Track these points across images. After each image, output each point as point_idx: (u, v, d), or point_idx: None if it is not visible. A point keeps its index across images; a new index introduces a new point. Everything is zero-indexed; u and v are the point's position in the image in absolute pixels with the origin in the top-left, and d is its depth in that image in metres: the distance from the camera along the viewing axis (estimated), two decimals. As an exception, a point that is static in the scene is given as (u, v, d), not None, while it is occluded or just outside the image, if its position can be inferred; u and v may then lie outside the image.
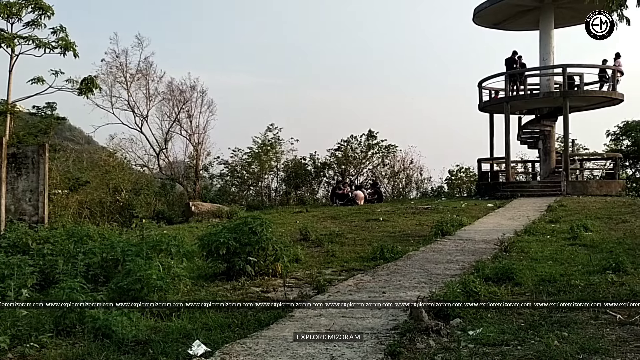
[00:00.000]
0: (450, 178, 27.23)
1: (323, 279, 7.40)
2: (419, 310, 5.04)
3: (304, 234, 11.78)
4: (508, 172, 22.80)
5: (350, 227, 13.90)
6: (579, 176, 23.31)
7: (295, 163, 26.44)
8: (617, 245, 9.07)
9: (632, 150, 23.60)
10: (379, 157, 27.06)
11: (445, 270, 8.01)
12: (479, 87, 23.49)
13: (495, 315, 5.39)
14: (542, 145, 22.79)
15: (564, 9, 21.86)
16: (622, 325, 4.90)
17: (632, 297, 5.78)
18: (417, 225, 13.91)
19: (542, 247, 9.51)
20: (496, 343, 4.56)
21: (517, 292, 6.43)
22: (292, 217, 16.98)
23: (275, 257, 8.05)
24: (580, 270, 7.36)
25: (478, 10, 23.00)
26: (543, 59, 22.35)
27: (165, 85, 27.01)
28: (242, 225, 8.00)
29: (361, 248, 10.37)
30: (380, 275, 7.82)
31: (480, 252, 9.56)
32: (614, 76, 21.51)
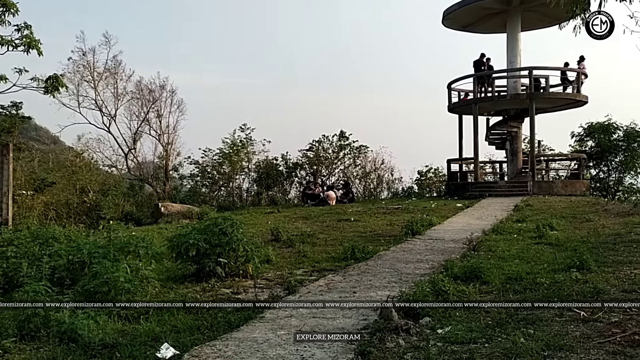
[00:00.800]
0: (421, 178, 27.53)
1: (294, 279, 7.41)
2: (389, 310, 5.08)
3: (275, 234, 11.74)
4: (476, 173, 23.17)
5: (321, 228, 13.92)
6: (545, 176, 23.84)
7: (267, 163, 26.36)
8: (581, 244, 9.29)
9: (595, 151, 24.22)
10: (350, 158, 27.20)
11: (415, 270, 8.09)
12: (448, 88, 23.81)
13: (464, 314, 5.46)
14: (510, 146, 23.23)
15: (531, 12, 22.33)
16: (586, 322, 5.02)
17: (595, 294, 5.93)
18: (388, 225, 14.02)
19: (509, 246, 9.68)
20: (464, 341, 4.62)
21: (485, 290, 6.53)
22: (264, 217, 16.92)
23: (246, 258, 7.99)
24: (546, 268, 7.51)
25: (447, 13, 23.31)
26: (510, 62, 22.79)
27: (134, 85, 26.70)
28: (212, 226, 7.93)
29: (332, 248, 10.39)
30: (351, 275, 7.85)
31: (450, 251, 9.68)
32: (579, 79, 22.06)
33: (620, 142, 23.80)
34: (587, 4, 8.41)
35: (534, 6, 21.51)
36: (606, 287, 6.23)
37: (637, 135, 23.57)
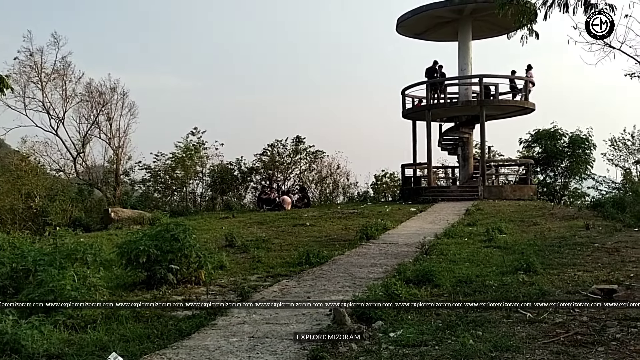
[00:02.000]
0: (376, 183, 27.83)
1: (248, 285, 7.35)
2: (342, 314, 5.11)
3: (229, 240, 11.62)
4: (430, 177, 23.60)
5: (277, 233, 13.87)
6: (494, 181, 24.48)
7: (222, 168, 26.10)
8: (528, 247, 9.58)
9: (542, 157, 25.06)
10: (306, 162, 27.23)
11: (369, 274, 8.16)
12: (402, 94, 24.18)
13: (415, 317, 5.55)
14: (461, 152, 23.78)
15: (481, 21, 22.96)
16: (532, 323, 5.18)
17: (541, 296, 6.13)
18: (343, 229, 14.10)
19: (460, 250, 9.90)
20: (415, 344, 4.69)
21: (436, 293, 6.66)
22: (218, 223, 16.72)
23: (198, 264, 7.88)
24: (495, 271, 7.72)
25: (401, 21, 23.70)
26: (462, 69, 23.35)
27: (84, 87, 25.94)
28: (163, 232, 7.77)
29: (287, 253, 10.36)
30: (306, 280, 7.85)
31: (403, 255, 9.82)
32: (526, 87, 22.80)
33: (566, 148, 24.72)
34: (534, 15, 8.73)
35: (484, 16, 22.12)
36: (551, 289, 6.45)
37: (582, 141, 24.53)
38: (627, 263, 7.89)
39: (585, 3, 7.73)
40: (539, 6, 8.33)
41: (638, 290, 6.26)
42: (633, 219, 12.39)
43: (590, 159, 24.65)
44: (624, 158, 26.12)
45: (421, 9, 22.58)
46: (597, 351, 4.35)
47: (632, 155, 25.92)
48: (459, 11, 22.63)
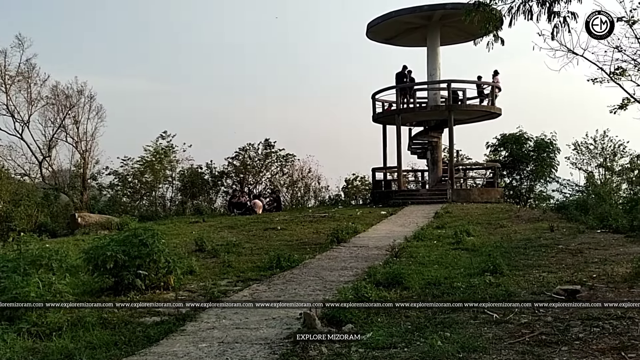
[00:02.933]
0: (347, 186, 27.93)
1: (218, 290, 7.30)
2: (312, 318, 5.12)
3: (199, 244, 11.52)
4: (400, 181, 23.83)
5: (247, 237, 13.81)
6: (463, 184, 24.86)
7: (192, 172, 25.85)
8: (495, 249, 9.76)
9: (509, 161, 25.56)
10: (277, 166, 27.19)
11: (340, 277, 8.19)
12: (372, 99, 24.36)
13: (385, 319, 5.60)
14: (430, 156, 24.07)
15: (449, 27, 23.31)
16: (498, 324, 5.28)
17: (507, 297, 6.26)
18: (314, 233, 14.12)
19: (429, 252, 10.02)
20: (385, 346, 4.73)
21: (406, 295, 6.72)
22: (188, 227, 16.56)
23: (167, 270, 7.78)
24: (463, 273, 7.85)
25: (371, 26, 23.89)
26: (430, 74, 23.66)
27: (50, 90, 25.38)
28: (131, 237, 7.67)
29: (258, 257, 10.33)
30: (276, 284, 7.84)
31: (373, 258, 9.88)
32: (493, 92, 23.24)
33: (531, 152, 25.27)
34: (500, 22, 8.91)
35: (452, 22, 22.46)
36: (517, 290, 6.60)
37: (546, 145, 25.12)
38: (590, 264, 8.11)
39: (548, 11, 7.93)
40: (504, 13, 8.51)
41: (600, 290, 6.44)
42: (596, 221, 12.74)
43: (555, 163, 25.28)
44: (586, 162, 26.89)
45: (390, 15, 22.82)
46: (561, 350, 4.46)
47: (595, 159, 26.69)
48: (427, 17, 22.94)
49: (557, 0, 7.64)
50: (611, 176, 25.45)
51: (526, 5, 7.92)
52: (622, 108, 16.68)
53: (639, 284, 6.52)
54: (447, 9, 21.76)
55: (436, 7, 22.06)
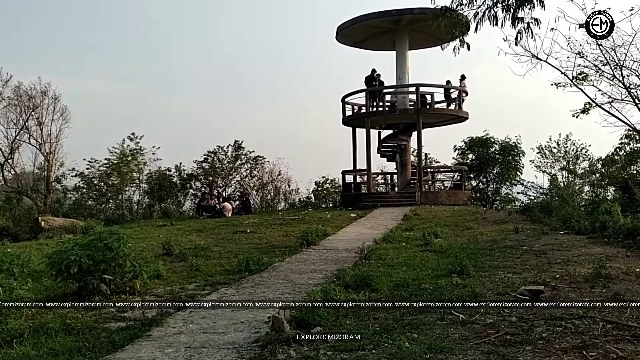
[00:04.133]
0: (317, 189, 27.97)
1: (185, 294, 7.22)
2: (281, 321, 5.10)
3: (167, 248, 11.36)
4: (369, 184, 23.98)
5: (216, 240, 13.69)
6: (431, 187, 25.18)
7: (160, 174, 25.50)
8: (461, 251, 9.91)
9: (476, 164, 26.02)
10: (247, 169, 27.05)
11: (309, 280, 8.19)
12: (342, 102, 24.48)
13: (354, 321, 5.62)
14: (399, 158, 24.32)
15: (417, 32, 23.59)
16: (464, 325, 5.35)
17: (473, 297, 6.35)
18: (284, 236, 14.08)
19: (398, 254, 10.11)
20: (353, 348, 4.75)
21: (374, 297, 6.76)
22: (156, 231, 16.32)
23: (133, 274, 7.65)
24: (430, 274, 7.94)
25: (340, 29, 24.02)
26: (399, 78, 23.92)
27: (12, 90, 24.66)
28: (96, 241, 7.51)
29: (227, 261, 10.24)
30: (245, 288, 7.79)
31: (342, 260, 9.91)
32: (460, 96, 23.63)
33: (497, 155, 25.78)
34: (466, 27, 9.07)
35: (420, 27, 22.73)
36: (483, 291, 6.70)
37: (511, 149, 25.66)
38: (553, 265, 8.31)
39: (512, 17, 8.11)
40: (470, 18, 8.67)
41: (563, 290, 6.60)
42: (559, 223, 13.06)
43: (520, 166, 25.85)
44: (550, 164, 27.54)
45: (359, 19, 22.99)
46: (525, 350, 4.55)
47: (558, 162, 27.37)
48: (395, 22, 23.20)
49: (521, 6, 7.81)
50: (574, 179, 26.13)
51: (491, 11, 8.09)
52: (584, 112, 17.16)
53: (600, 284, 6.71)
54: (414, 13, 22.05)
55: (404, 12, 22.33)
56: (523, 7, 7.95)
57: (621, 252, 9.20)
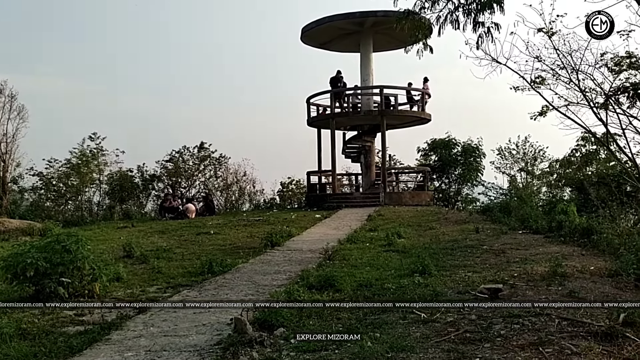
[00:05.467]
0: (282, 190, 27.93)
1: (146, 297, 7.11)
2: (243, 323, 5.07)
3: (127, 250, 11.15)
4: (334, 185, 24.07)
5: (179, 242, 13.51)
6: (395, 188, 25.45)
7: (121, 175, 25.03)
8: (424, 250, 10.05)
9: (438, 165, 26.47)
10: (211, 170, 26.79)
11: (273, 281, 8.17)
12: (307, 103, 24.51)
13: (317, 322, 5.63)
14: (364, 160, 24.50)
15: (381, 34, 23.82)
16: (426, 323, 5.43)
17: (434, 297, 6.45)
18: (249, 237, 14.01)
19: (362, 254, 10.19)
20: (316, 349, 4.76)
21: (338, 298, 6.79)
22: (116, 232, 15.98)
23: (92, 277, 7.47)
24: (393, 274, 8.02)
25: (305, 30, 24.05)
26: (364, 80, 24.10)
27: (-35, 87, 23.78)
28: (54, 243, 7.32)
29: (189, 263, 10.12)
30: (208, 289, 7.71)
31: (307, 261, 9.92)
32: (423, 98, 23.96)
33: (459, 157, 26.28)
34: (429, 31, 9.22)
35: (384, 29, 22.96)
36: (444, 290, 6.82)
37: (473, 150, 26.21)
38: (512, 263, 8.51)
39: (473, 21, 8.28)
40: (433, 22, 8.81)
41: (521, 288, 6.76)
42: (517, 223, 13.39)
43: (481, 167, 26.44)
44: (509, 166, 28.24)
45: (324, 20, 23.08)
46: (483, 347, 4.64)
47: (517, 164, 28.08)
48: (360, 24, 23.36)
49: (482, 11, 7.98)
50: (532, 180, 26.86)
51: (453, 15, 8.24)
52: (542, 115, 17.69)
53: (556, 282, 6.90)
54: (378, 16, 22.25)
55: (368, 14, 22.52)
56: (484, 11, 8.13)
57: (576, 251, 9.49)
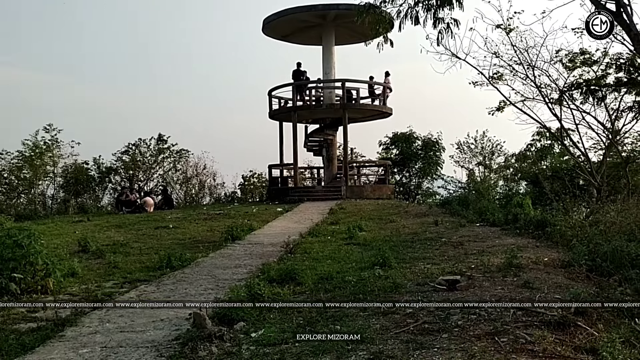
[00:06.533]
0: (244, 183, 27.74)
1: (102, 292, 6.94)
2: (202, 318, 4.99)
3: (83, 245, 10.88)
4: (296, 178, 24.03)
5: (137, 236, 13.24)
6: (356, 181, 25.61)
7: (76, 168, 24.35)
8: (384, 243, 10.14)
9: (399, 159, 26.78)
10: (170, 162, 26.36)
11: (233, 275, 8.10)
12: (269, 95, 24.34)
13: (278, 316, 5.60)
14: (326, 153, 24.53)
15: (343, 28, 23.84)
16: (385, 315, 5.47)
17: (394, 288, 6.52)
18: (209, 231, 13.85)
19: (323, 248, 10.21)
20: (276, 342, 4.73)
21: (299, 291, 6.78)
22: (71, 227, 15.54)
23: (46, 272, 7.27)
24: (354, 267, 8.07)
25: (266, 22, 23.85)
26: (326, 73, 24.08)
27: None
28: (5, 238, 7.11)
29: (147, 257, 9.94)
30: (166, 284, 7.58)
31: (268, 255, 9.88)
32: (384, 92, 24.14)
33: (419, 151, 26.64)
34: (390, 25, 9.27)
35: (346, 23, 22.97)
36: (404, 282, 6.88)
37: (433, 144, 26.60)
38: (469, 255, 8.68)
39: (433, 16, 8.37)
40: (394, 16, 8.86)
41: (478, 280, 6.90)
42: (475, 215, 13.68)
43: (440, 161, 26.90)
44: (468, 160, 28.84)
45: (286, 12, 22.94)
46: (441, 338, 4.71)
47: (475, 158, 28.69)
48: (322, 17, 23.31)
49: (441, 6, 8.07)
50: (489, 173, 27.49)
51: (413, 10, 8.30)
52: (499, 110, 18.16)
53: (511, 273, 7.07)
54: (340, 9, 22.27)
55: (330, 7, 22.50)
56: (443, 7, 8.22)
57: (531, 243, 9.76)
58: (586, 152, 18.50)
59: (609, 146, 17.74)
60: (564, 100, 16.52)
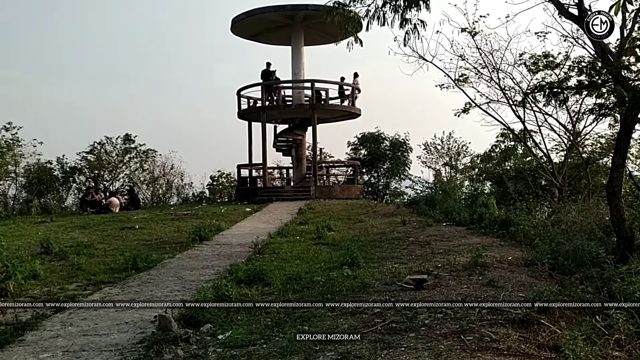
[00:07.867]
0: (212, 183, 27.47)
1: (65, 295, 6.78)
2: (168, 320, 4.92)
3: (45, 246, 10.61)
4: (265, 178, 23.91)
5: (101, 237, 12.97)
6: (326, 181, 25.63)
7: (39, 167, 23.72)
8: (353, 243, 10.16)
9: (368, 159, 26.92)
10: (137, 162, 25.91)
11: (200, 277, 8.01)
12: (237, 95, 24.16)
13: (245, 317, 5.56)
14: (295, 153, 24.49)
15: (312, 28, 23.83)
16: (354, 315, 5.49)
17: (362, 288, 6.55)
18: (176, 231, 13.67)
19: (292, 248, 10.18)
20: (244, 344, 4.70)
21: (267, 291, 6.75)
22: (34, 228, 15.12)
23: (6, 275, 7.06)
24: (323, 267, 8.07)
25: (235, 21, 23.67)
26: (295, 73, 24.04)
27: None
28: (-39, 240, 6.84)
29: (112, 259, 9.74)
30: (131, 286, 7.45)
31: (236, 255, 9.80)
32: (353, 93, 24.23)
33: (387, 151, 26.83)
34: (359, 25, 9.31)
35: (315, 23, 22.98)
36: (372, 281, 6.92)
37: (400, 145, 26.84)
38: (436, 254, 8.79)
39: (401, 17, 8.44)
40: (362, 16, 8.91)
41: (444, 279, 6.99)
42: (442, 215, 13.86)
43: (408, 161, 27.15)
44: (435, 160, 29.21)
45: (255, 12, 22.81)
46: (409, 337, 4.75)
47: (442, 158, 29.08)
48: (291, 17, 23.26)
49: (408, 7, 8.14)
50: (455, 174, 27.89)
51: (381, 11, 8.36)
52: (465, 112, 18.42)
53: (477, 272, 7.19)
54: (309, 9, 22.27)
55: (299, 8, 22.47)
56: (410, 8, 8.30)
57: (496, 242, 9.94)
58: (548, 153, 18.97)
59: (570, 147, 18.20)
60: (528, 102, 16.86)
